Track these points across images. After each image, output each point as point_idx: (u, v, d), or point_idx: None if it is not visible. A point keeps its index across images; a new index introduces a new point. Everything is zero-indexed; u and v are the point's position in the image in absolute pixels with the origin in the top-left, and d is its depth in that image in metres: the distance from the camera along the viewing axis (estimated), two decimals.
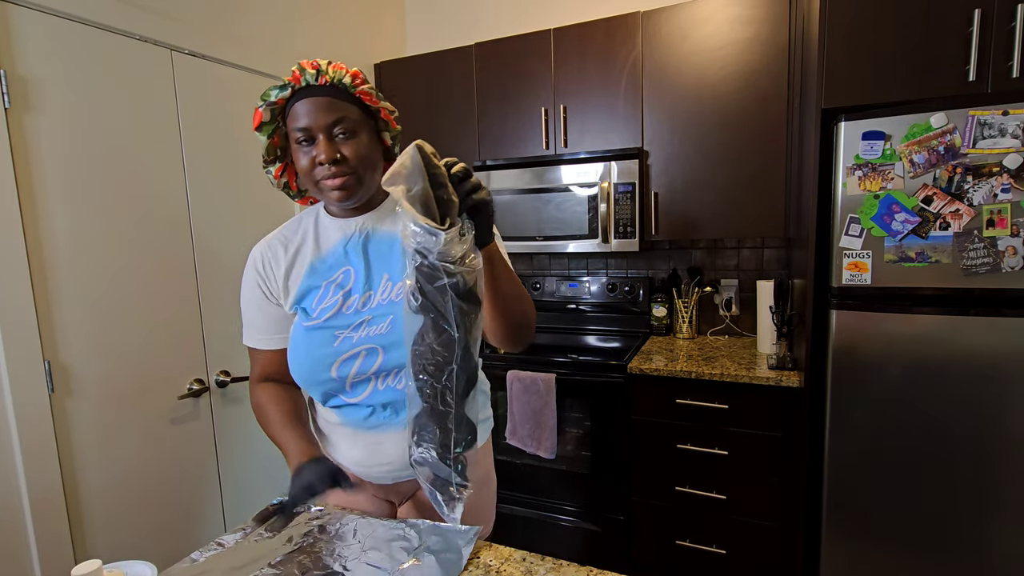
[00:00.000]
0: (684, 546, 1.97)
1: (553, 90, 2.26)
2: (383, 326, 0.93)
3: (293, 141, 0.91)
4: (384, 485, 1.05)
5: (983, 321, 1.41)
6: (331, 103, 0.89)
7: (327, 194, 0.92)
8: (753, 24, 1.94)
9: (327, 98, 0.89)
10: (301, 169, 0.92)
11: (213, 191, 1.85)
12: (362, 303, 0.95)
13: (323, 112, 0.88)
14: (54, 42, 1.44)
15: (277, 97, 0.89)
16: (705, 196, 2.10)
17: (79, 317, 1.50)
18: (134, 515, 1.63)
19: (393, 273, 0.96)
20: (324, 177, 0.90)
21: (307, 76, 0.88)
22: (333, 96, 0.89)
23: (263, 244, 1.03)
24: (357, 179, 0.92)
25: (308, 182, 0.93)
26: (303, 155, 0.90)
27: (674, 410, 1.93)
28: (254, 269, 1.02)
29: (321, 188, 0.92)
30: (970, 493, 1.46)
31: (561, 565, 0.83)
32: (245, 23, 1.97)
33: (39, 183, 1.41)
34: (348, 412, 0.99)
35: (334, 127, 0.89)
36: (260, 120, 0.91)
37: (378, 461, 1.00)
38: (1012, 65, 1.36)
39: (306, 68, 0.88)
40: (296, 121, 0.89)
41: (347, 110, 0.90)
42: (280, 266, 1.00)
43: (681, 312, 2.37)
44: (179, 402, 1.75)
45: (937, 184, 1.41)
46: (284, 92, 0.89)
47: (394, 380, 0.95)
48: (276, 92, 0.89)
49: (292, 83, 0.89)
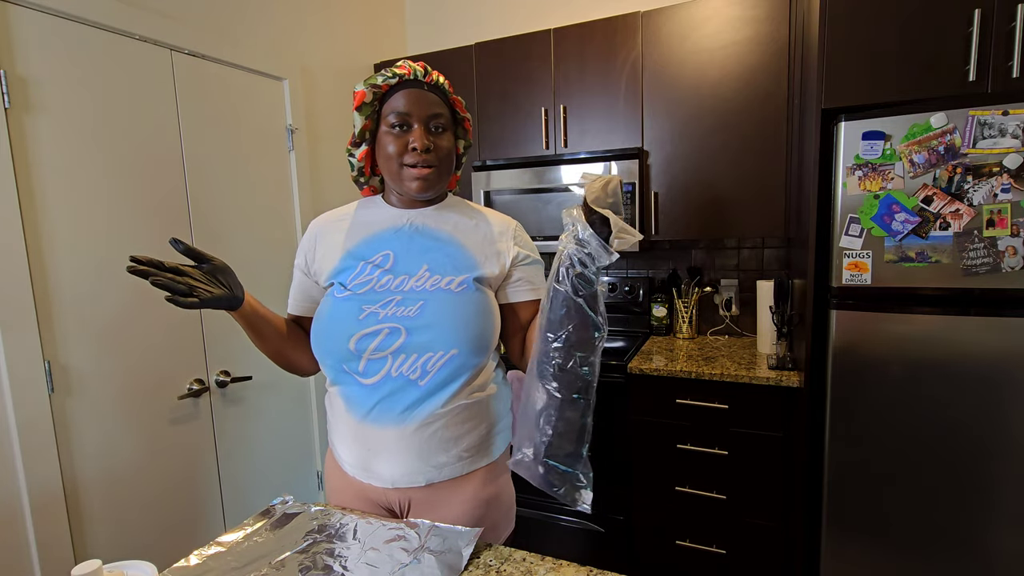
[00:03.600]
0: (684, 546, 1.97)
1: (553, 90, 2.26)
2: (412, 309, 0.95)
3: (386, 125, 0.96)
4: (386, 490, 1.01)
5: (983, 321, 1.41)
6: (432, 98, 0.97)
7: (406, 183, 0.97)
8: (753, 24, 1.94)
9: (430, 93, 0.97)
10: (388, 153, 0.96)
11: (213, 190, 1.85)
12: (395, 284, 0.97)
13: (426, 104, 0.96)
14: (54, 42, 1.44)
15: (383, 82, 0.94)
16: (705, 196, 2.10)
17: (79, 317, 1.50)
18: (134, 515, 1.63)
19: (434, 265, 0.99)
20: (412, 163, 0.95)
21: (417, 72, 0.96)
22: (434, 93, 0.97)
23: (318, 220, 1.10)
24: (438, 173, 0.98)
25: (392, 166, 0.97)
26: (394, 139, 0.96)
27: (674, 410, 1.93)
28: (303, 243, 1.09)
29: (403, 176, 0.97)
30: (970, 493, 1.46)
31: (561, 565, 0.83)
32: (245, 23, 1.97)
33: (39, 183, 1.42)
34: (355, 396, 0.98)
35: (432, 119, 0.96)
36: (361, 100, 0.95)
37: (378, 460, 0.98)
38: (1012, 65, 1.36)
39: (416, 66, 0.96)
40: (398, 106, 0.95)
41: (443, 109, 0.99)
42: (326, 240, 1.05)
43: (681, 312, 2.37)
44: (179, 402, 1.75)
45: (937, 184, 1.41)
46: (392, 80, 0.95)
47: (409, 368, 0.94)
48: (383, 78, 0.94)
49: (402, 74, 0.95)
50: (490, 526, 1.05)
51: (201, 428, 1.82)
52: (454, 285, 0.97)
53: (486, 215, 1.08)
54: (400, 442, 0.96)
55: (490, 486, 1.05)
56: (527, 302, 1.06)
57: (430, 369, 0.95)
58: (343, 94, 2.44)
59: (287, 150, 2.15)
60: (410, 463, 0.97)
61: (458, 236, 1.03)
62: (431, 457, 0.97)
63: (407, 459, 0.97)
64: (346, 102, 2.45)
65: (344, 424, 1.01)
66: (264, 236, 2.04)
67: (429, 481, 0.99)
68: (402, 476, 0.98)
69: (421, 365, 0.95)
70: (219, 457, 1.88)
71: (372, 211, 1.06)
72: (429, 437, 0.96)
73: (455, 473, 1.00)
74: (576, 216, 0.79)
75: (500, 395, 1.09)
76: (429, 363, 0.95)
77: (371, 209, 1.07)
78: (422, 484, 0.99)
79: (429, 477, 0.98)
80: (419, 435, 0.96)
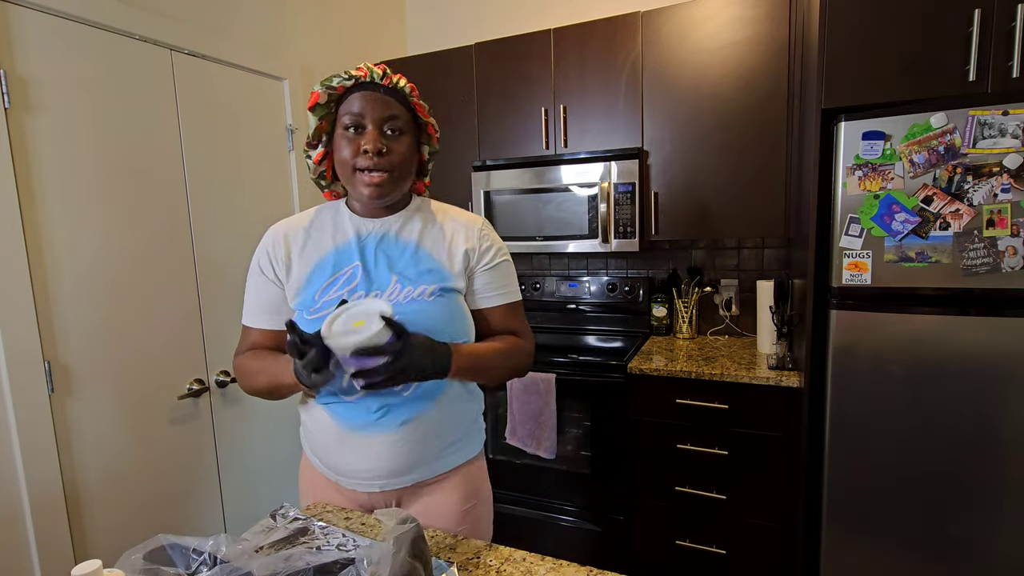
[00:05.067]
0: (684, 546, 1.97)
1: (553, 90, 2.26)
2: None
3: (341, 127, 0.95)
4: (371, 493, 1.02)
5: (983, 321, 1.40)
6: (389, 101, 0.94)
7: (360, 188, 0.95)
8: (753, 24, 1.94)
9: (387, 96, 0.94)
10: (342, 157, 0.94)
11: (213, 191, 1.85)
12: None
13: (380, 105, 0.93)
14: (54, 42, 1.44)
15: (339, 84, 0.93)
16: (705, 196, 2.10)
17: (79, 317, 1.50)
18: (134, 515, 1.63)
19: (404, 276, 0.97)
20: (365, 168, 0.93)
21: (374, 74, 0.94)
22: (392, 97, 0.95)
23: (279, 225, 1.06)
24: (393, 179, 0.95)
25: (346, 170, 0.95)
26: (348, 142, 0.94)
27: (674, 410, 1.93)
28: (264, 248, 1.04)
29: (356, 181, 0.95)
30: (970, 493, 1.46)
31: (561, 565, 0.83)
32: (245, 23, 1.97)
33: (39, 183, 1.41)
34: (340, 411, 0.98)
35: (386, 122, 0.94)
36: (315, 101, 0.94)
37: (367, 467, 0.98)
38: (1012, 65, 1.36)
39: (373, 68, 0.94)
40: (352, 107, 0.93)
41: (400, 111, 0.96)
42: (291, 248, 1.02)
43: (681, 312, 2.37)
44: (179, 402, 1.75)
45: (937, 184, 1.41)
46: (347, 82, 0.93)
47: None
48: (339, 80, 0.93)
49: (358, 76, 0.93)
50: (478, 518, 1.08)
51: (201, 428, 1.82)
52: (426, 295, 0.96)
53: (452, 215, 1.06)
54: (391, 447, 0.97)
55: (472, 479, 1.08)
56: (496, 307, 1.05)
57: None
58: None
59: (287, 150, 2.15)
60: (397, 466, 0.98)
61: (425, 244, 1.01)
62: (417, 458, 0.99)
63: (394, 463, 0.98)
64: None
65: (327, 433, 1.00)
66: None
67: (413, 482, 1.01)
68: (389, 480, 0.99)
69: None
70: (219, 457, 1.88)
71: (335, 219, 1.03)
72: (415, 441, 0.98)
73: (439, 471, 1.03)
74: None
75: (475, 397, 1.11)
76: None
77: (334, 217, 1.04)
78: (409, 484, 1.01)
79: (413, 478, 1.00)
80: (406, 440, 0.97)
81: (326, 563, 0.72)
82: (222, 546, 0.73)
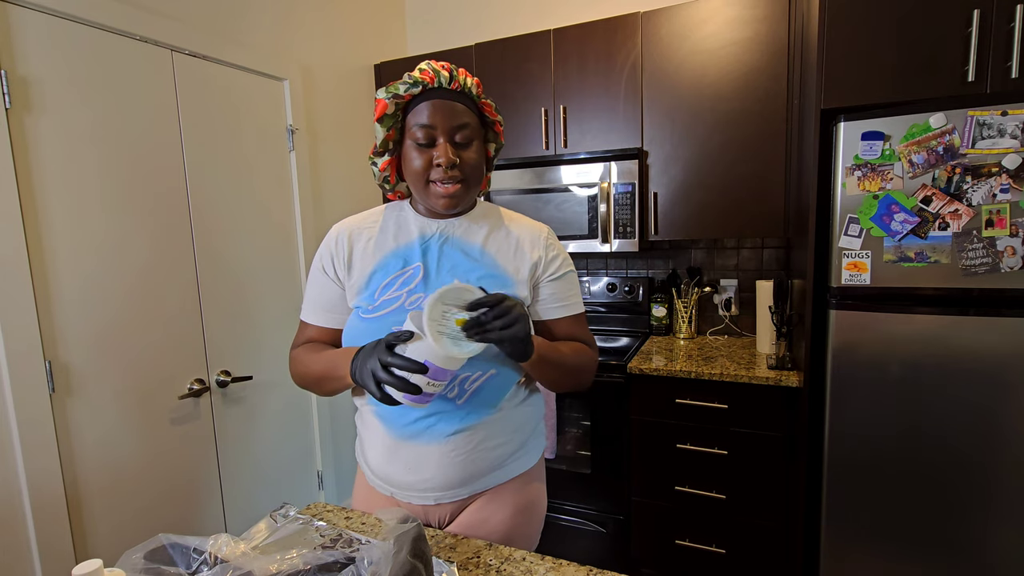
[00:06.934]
0: (684, 546, 1.97)
1: (553, 90, 2.26)
2: None
3: (410, 138, 0.91)
4: (425, 506, 0.99)
5: (982, 321, 1.41)
6: (458, 108, 0.90)
7: (433, 199, 0.92)
8: (753, 24, 1.95)
9: (455, 103, 0.89)
10: (414, 168, 0.91)
11: (213, 191, 1.85)
12: None
13: (451, 115, 0.89)
14: (54, 42, 1.44)
15: (406, 92, 0.88)
16: (705, 196, 2.10)
17: (79, 317, 1.50)
18: (135, 515, 1.63)
19: (463, 280, 0.94)
20: (438, 180, 0.90)
21: (441, 78, 0.88)
22: (460, 101, 0.90)
23: (344, 224, 1.03)
24: (466, 188, 0.92)
25: (418, 181, 0.92)
26: (419, 154, 0.90)
27: (674, 410, 1.93)
28: (327, 246, 1.01)
29: (429, 192, 0.92)
30: (970, 493, 1.46)
31: (561, 565, 0.83)
32: (246, 23, 1.98)
33: (39, 183, 1.42)
34: (391, 415, 0.95)
35: (457, 132, 0.90)
36: (383, 111, 0.90)
37: (419, 477, 0.95)
38: (1011, 65, 1.36)
39: (440, 70, 0.88)
40: (421, 118, 0.89)
41: (470, 117, 0.91)
42: (353, 247, 0.99)
43: (681, 312, 2.37)
44: (179, 402, 1.75)
45: (936, 184, 1.41)
46: (415, 89, 0.88)
47: (446, 387, 0.90)
48: (405, 87, 0.88)
49: (425, 81, 0.88)
50: (529, 533, 1.04)
51: (201, 428, 1.82)
52: None
53: (518, 222, 1.03)
54: (441, 458, 0.94)
55: (527, 492, 1.04)
56: (561, 319, 1.02)
57: (468, 388, 0.92)
58: (344, 94, 2.44)
59: (287, 150, 2.15)
60: (451, 478, 0.95)
61: (490, 249, 0.98)
62: (472, 471, 0.96)
63: (448, 475, 0.95)
64: (347, 102, 2.46)
65: (380, 442, 0.98)
66: (264, 237, 2.04)
67: (470, 494, 0.98)
68: (444, 492, 0.96)
69: (459, 384, 0.92)
70: (219, 457, 1.88)
71: (399, 219, 1.01)
72: (469, 452, 0.95)
73: (494, 483, 0.99)
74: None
75: (535, 402, 1.08)
76: (467, 382, 0.92)
77: (398, 217, 1.01)
78: (465, 497, 0.98)
79: (470, 490, 0.97)
80: (458, 450, 0.94)
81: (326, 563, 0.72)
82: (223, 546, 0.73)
